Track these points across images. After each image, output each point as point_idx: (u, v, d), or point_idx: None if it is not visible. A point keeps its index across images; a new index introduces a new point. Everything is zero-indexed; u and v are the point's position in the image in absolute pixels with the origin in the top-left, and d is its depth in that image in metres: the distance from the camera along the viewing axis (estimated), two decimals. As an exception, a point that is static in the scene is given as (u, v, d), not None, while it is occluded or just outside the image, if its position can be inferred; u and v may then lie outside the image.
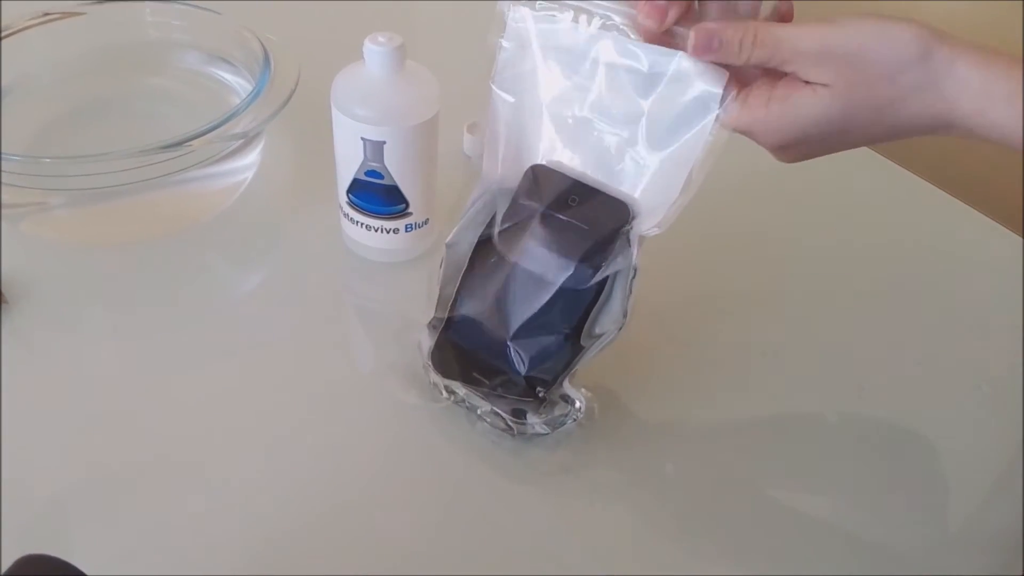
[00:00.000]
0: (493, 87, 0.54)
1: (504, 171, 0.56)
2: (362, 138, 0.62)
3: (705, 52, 0.48)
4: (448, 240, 0.58)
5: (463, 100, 0.55)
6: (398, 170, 0.63)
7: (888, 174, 0.84)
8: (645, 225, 0.53)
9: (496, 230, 0.56)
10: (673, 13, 0.48)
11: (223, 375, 0.62)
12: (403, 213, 0.66)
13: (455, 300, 0.58)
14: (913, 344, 0.68)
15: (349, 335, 0.68)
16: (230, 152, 0.69)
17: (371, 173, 0.64)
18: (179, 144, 0.64)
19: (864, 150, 0.62)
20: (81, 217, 0.72)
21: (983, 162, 0.88)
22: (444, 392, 0.58)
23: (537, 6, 0.52)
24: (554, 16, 0.51)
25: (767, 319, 0.69)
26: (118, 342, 0.64)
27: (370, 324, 0.69)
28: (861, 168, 0.83)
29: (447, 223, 0.58)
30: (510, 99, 0.54)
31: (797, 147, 0.49)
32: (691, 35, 0.48)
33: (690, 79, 0.49)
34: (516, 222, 0.55)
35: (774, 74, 0.48)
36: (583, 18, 0.51)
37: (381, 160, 0.63)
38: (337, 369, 0.64)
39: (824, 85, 0.46)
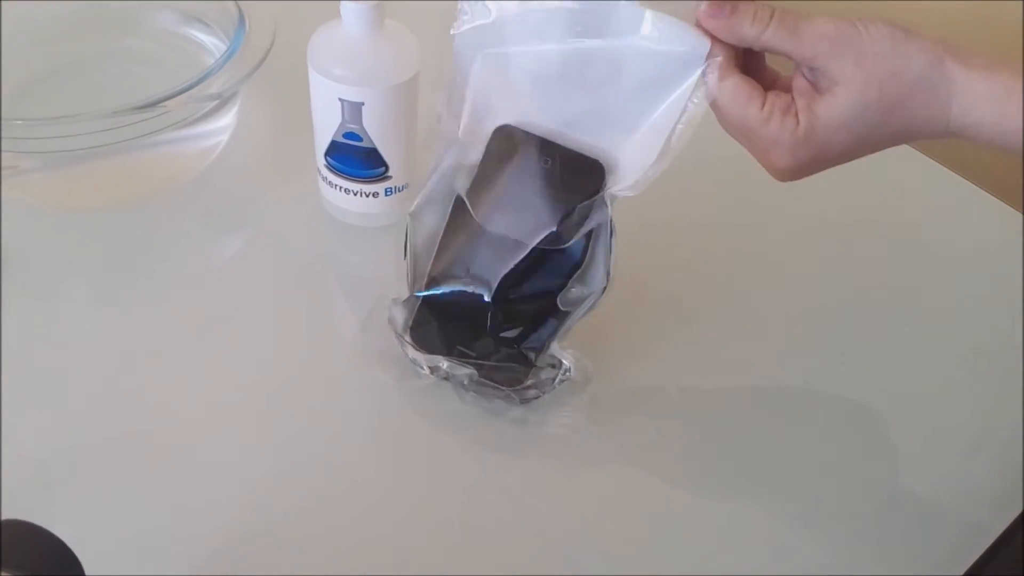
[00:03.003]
0: (456, 41, 0.51)
1: (468, 131, 0.54)
2: (340, 99, 0.61)
3: (716, 17, 0.46)
4: (411, 210, 0.56)
5: (444, 61, 0.54)
6: (377, 132, 0.63)
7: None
8: (618, 185, 0.52)
9: (468, 196, 0.54)
10: None
11: (202, 343, 0.61)
12: (382, 176, 0.65)
13: (431, 273, 0.56)
14: (901, 314, 0.68)
15: (330, 300, 0.68)
16: (205, 113, 0.68)
17: (349, 135, 0.63)
18: (153, 105, 0.63)
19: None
20: (55, 181, 0.71)
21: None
22: (426, 368, 0.58)
23: None
24: None
25: (753, 286, 0.69)
26: (94, 309, 0.64)
27: (351, 289, 0.68)
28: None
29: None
30: (475, 55, 0.52)
31: (812, 162, 0.48)
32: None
33: (668, 42, 0.48)
34: (489, 186, 0.54)
35: (782, 88, 0.48)
36: None
37: (359, 122, 0.62)
38: (318, 335, 0.63)
39: (839, 85, 0.45)
